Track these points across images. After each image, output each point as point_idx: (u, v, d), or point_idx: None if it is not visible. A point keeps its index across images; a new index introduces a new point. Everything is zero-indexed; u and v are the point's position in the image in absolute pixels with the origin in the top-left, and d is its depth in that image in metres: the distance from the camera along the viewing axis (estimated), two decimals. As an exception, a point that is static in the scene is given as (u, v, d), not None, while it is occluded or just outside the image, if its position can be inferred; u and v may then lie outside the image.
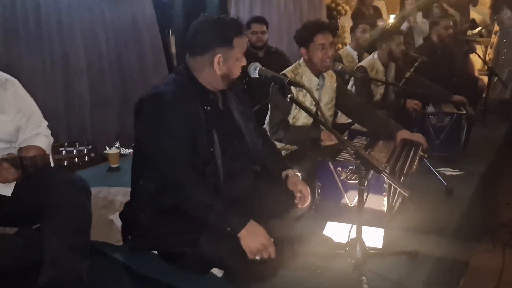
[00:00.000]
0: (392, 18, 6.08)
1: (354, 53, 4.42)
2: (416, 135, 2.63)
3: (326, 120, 2.70)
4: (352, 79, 3.61)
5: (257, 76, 1.91)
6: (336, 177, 2.26)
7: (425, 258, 1.93)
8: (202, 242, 1.70)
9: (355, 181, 2.09)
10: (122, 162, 3.17)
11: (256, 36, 3.93)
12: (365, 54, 4.34)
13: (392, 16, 6.16)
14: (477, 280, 2.36)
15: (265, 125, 2.76)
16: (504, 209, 3.10)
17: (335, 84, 2.77)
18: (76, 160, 1.68)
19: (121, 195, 2.44)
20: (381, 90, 3.70)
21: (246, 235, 1.67)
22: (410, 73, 3.36)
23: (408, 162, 2.45)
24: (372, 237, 2.05)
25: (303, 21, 2.81)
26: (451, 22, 4.45)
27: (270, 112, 2.68)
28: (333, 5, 6.39)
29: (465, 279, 2.35)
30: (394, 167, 2.27)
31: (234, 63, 1.82)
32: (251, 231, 1.68)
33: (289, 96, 1.80)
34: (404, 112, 3.30)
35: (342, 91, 2.80)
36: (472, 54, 5.39)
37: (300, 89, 2.56)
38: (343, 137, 1.80)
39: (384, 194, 2.17)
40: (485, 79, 4.70)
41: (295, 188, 1.96)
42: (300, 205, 1.96)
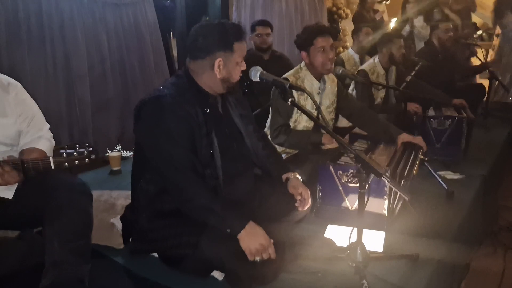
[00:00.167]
0: (393, 22, 6.09)
1: (356, 56, 4.43)
2: (417, 138, 2.63)
3: (327, 124, 2.71)
4: (353, 83, 3.62)
5: (258, 80, 1.92)
6: (337, 181, 2.26)
7: (426, 262, 1.93)
8: (202, 244, 1.70)
9: (356, 185, 2.10)
10: (124, 165, 3.17)
11: (261, 38, 4.06)
12: (367, 57, 4.34)
13: (394, 20, 6.17)
14: (478, 284, 2.36)
15: (266, 129, 2.77)
16: (505, 213, 3.10)
17: (336, 88, 2.78)
18: (77, 163, 1.69)
19: (123, 199, 2.44)
20: (382, 94, 3.71)
21: (246, 236, 1.68)
22: (411, 77, 3.37)
23: (409, 166, 2.45)
24: (373, 241, 2.05)
25: (304, 25, 2.82)
26: (451, 26, 4.45)
27: (271, 116, 2.69)
28: (334, 9, 6.39)
29: (466, 283, 2.35)
30: (395, 171, 2.28)
31: (234, 67, 1.84)
32: (251, 232, 1.68)
33: (290, 100, 1.81)
34: (405, 116, 3.31)
35: (343, 95, 2.81)
36: (473, 58, 5.39)
37: (301, 93, 2.56)
38: (344, 141, 1.80)
39: (385, 198, 2.17)
40: (486, 83, 4.70)
41: (296, 191, 1.96)
42: (301, 208, 1.96)
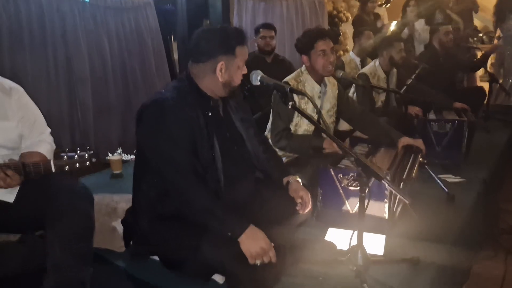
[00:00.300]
0: (393, 25, 6.10)
1: (357, 59, 4.44)
2: (417, 141, 2.64)
3: (328, 128, 2.71)
4: (354, 86, 3.63)
5: (259, 84, 1.92)
6: (338, 184, 2.26)
7: (427, 265, 1.93)
8: (203, 247, 1.70)
9: (356, 188, 2.10)
10: (125, 169, 3.18)
11: (265, 41, 4.14)
12: (368, 60, 4.35)
13: (394, 23, 6.18)
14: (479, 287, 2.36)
15: (267, 132, 2.77)
16: (506, 216, 3.10)
17: (337, 92, 2.79)
18: (78, 166, 1.69)
19: (124, 202, 2.44)
20: (383, 97, 3.71)
21: (246, 239, 1.68)
22: (412, 80, 3.38)
23: (408, 168, 2.45)
24: (374, 244, 2.05)
25: (305, 29, 2.83)
26: (451, 28, 4.45)
27: (272, 120, 2.69)
28: (335, 12, 6.41)
29: (467, 286, 2.34)
30: (396, 174, 2.28)
31: (236, 71, 1.85)
32: (251, 236, 1.69)
33: (291, 104, 1.82)
34: (406, 119, 3.31)
35: (344, 99, 2.82)
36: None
37: (302, 97, 2.57)
38: (345, 144, 1.81)
39: (386, 201, 2.17)
40: (487, 86, 4.71)
41: (296, 195, 1.96)
42: (301, 212, 1.96)
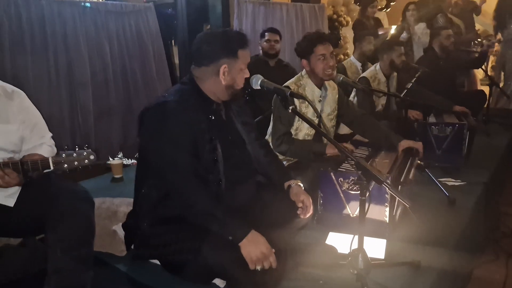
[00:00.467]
0: (393, 29, 6.11)
1: (358, 64, 4.45)
2: (417, 143, 2.64)
3: (328, 132, 2.72)
4: (355, 90, 3.63)
5: (259, 88, 1.93)
6: (338, 188, 2.26)
7: (428, 269, 1.93)
8: (204, 251, 1.70)
9: (357, 192, 2.10)
10: (126, 173, 3.18)
11: (270, 44, 4.17)
12: (369, 64, 4.36)
13: (393, 27, 6.19)
14: (481, 291, 2.35)
15: (267, 136, 2.78)
16: (507, 219, 3.10)
17: (337, 95, 2.79)
18: (76, 164, 1.67)
19: (125, 206, 2.45)
20: (383, 101, 3.72)
21: (247, 244, 1.68)
22: (412, 84, 3.38)
23: (405, 171, 2.45)
24: (374, 248, 2.05)
25: (305, 33, 2.84)
26: (451, 31, 4.46)
27: (273, 124, 2.69)
28: (335, 16, 6.43)
29: (468, 290, 2.34)
30: (396, 178, 2.28)
31: (238, 74, 1.86)
32: (252, 240, 1.69)
33: (291, 108, 1.82)
34: (406, 123, 3.31)
35: (344, 102, 2.82)
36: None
37: (303, 101, 2.57)
38: (345, 148, 1.81)
39: (386, 205, 2.17)
40: (487, 89, 4.71)
41: (297, 199, 1.97)
42: (302, 216, 1.96)
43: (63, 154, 1.67)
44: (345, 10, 6.60)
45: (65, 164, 1.67)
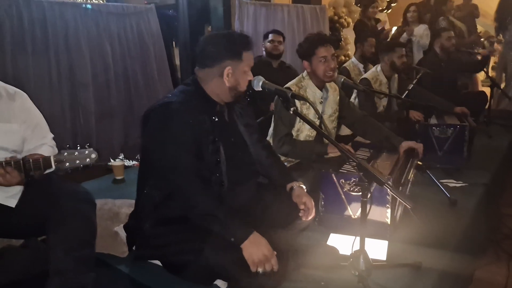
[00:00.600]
0: (394, 30, 6.12)
1: (360, 66, 4.46)
2: (418, 144, 2.64)
3: (329, 133, 2.72)
4: (356, 92, 3.63)
5: (260, 89, 1.93)
6: (339, 189, 2.26)
7: (429, 270, 1.93)
8: (206, 252, 1.71)
9: (358, 193, 2.10)
10: (127, 174, 3.19)
11: (273, 45, 4.20)
12: (370, 66, 4.37)
13: (394, 29, 6.20)
14: (482, 293, 2.35)
15: (268, 137, 2.78)
16: (508, 221, 3.09)
17: (338, 97, 2.79)
18: (78, 162, 1.67)
19: (126, 207, 2.44)
20: (384, 102, 3.72)
21: (249, 246, 1.68)
22: (413, 85, 3.38)
23: (406, 172, 2.46)
24: (376, 249, 2.05)
25: (307, 34, 2.84)
26: (453, 33, 4.46)
27: (274, 126, 2.69)
28: (336, 18, 6.43)
29: (470, 292, 2.34)
30: (397, 179, 2.28)
31: (242, 76, 1.87)
32: (254, 242, 1.69)
33: (292, 109, 1.82)
34: (407, 124, 3.31)
35: (345, 104, 2.82)
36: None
37: (304, 102, 2.57)
38: (347, 149, 1.81)
39: (387, 206, 2.17)
40: (488, 91, 4.71)
41: (299, 200, 1.96)
42: (304, 218, 1.96)
43: (65, 153, 1.67)
44: (346, 12, 6.60)
45: (67, 163, 1.67)
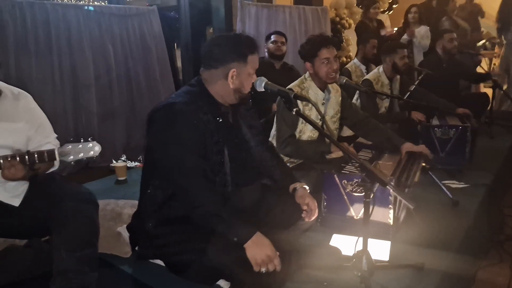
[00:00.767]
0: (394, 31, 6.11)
1: (363, 67, 4.46)
2: (420, 147, 2.64)
3: (332, 134, 2.72)
4: (358, 93, 3.64)
5: (263, 90, 1.94)
6: (342, 190, 2.27)
7: (432, 271, 1.93)
8: (209, 252, 1.71)
9: (361, 194, 2.10)
10: (130, 175, 3.20)
11: (276, 46, 4.20)
12: (372, 67, 4.37)
13: (395, 29, 6.20)
14: (485, 294, 2.35)
15: (271, 138, 2.78)
16: (510, 222, 3.09)
17: (340, 98, 2.80)
18: (82, 155, 1.67)
19: (129, 208, 2.46)
20: (386, 103, 3.72)
21: (252, 246, 1.68)
22: (415, 86, 3.38)
23: (412, 174, 2.46)
24: (379, 250, 2.05)
25: (308, 35, 2.84)
26: (455, 35, 4.46)
27: (277, 127, 2.70)
28: (337, 19, 6.43)
29: (472, 293, 2.33)
30: (399, 180, 2.28)
31: (247, 78, 1.87)
32: (257, 242, 1.69)
33: (295, 110, 1.83)
34: (409, 125, 3.31)
35: (347, 105, 2.83)
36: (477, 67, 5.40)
37: (306, 103, 2.58)
38: (349, 150, 1.81)
39: (390, 207, 2.17)
40: (490, 92, 4.70)
41: (302, 201, 1.97)
42: (307, 219, 1.97)
43: (69, 146, 1.67)
44: (348, 13, 6.60)
45: (71, 156, 1.66)
